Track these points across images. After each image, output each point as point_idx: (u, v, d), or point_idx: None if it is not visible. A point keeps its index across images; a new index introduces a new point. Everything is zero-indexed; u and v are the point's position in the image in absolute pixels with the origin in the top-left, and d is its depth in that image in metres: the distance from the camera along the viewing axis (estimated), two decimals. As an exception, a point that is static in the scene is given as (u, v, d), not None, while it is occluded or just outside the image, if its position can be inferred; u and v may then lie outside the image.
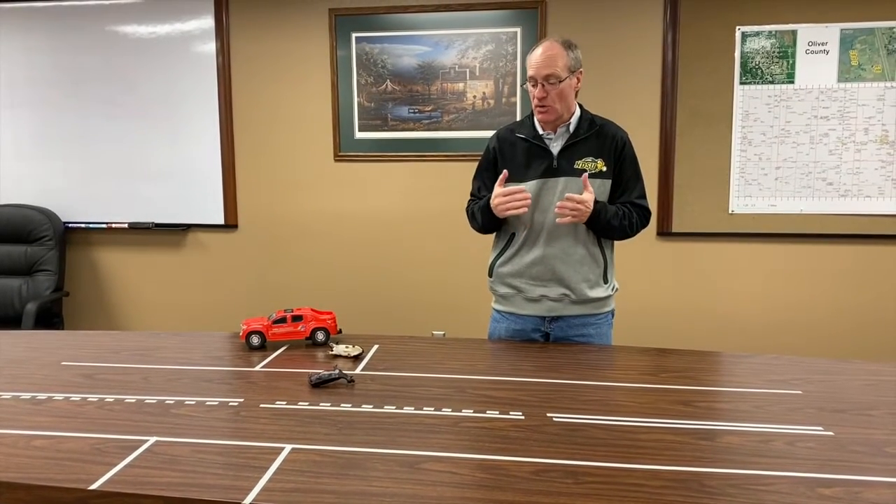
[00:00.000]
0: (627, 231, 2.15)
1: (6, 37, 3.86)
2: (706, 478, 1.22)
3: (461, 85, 3.56)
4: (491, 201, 2.10)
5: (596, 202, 2.06)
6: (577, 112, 2.15)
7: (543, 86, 2.04)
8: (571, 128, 2.13)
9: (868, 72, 3.27)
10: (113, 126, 3.85)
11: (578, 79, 2.11)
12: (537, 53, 2.05)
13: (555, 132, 2.13)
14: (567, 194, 2.03)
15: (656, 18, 3.41)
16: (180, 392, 1.67)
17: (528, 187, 2.12)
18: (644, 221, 2.19)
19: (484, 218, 2.17)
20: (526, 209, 2.05)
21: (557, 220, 2.04)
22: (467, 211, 2.30)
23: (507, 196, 2.04)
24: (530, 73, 2.06)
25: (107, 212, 3.92)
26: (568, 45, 2.06)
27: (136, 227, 3.90)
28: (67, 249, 3.94)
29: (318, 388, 1.69)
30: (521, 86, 2.14)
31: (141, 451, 1.33)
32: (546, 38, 2.12)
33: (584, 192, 2.04)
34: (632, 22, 3.43)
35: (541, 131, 2.14)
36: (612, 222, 2.09)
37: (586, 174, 2.06)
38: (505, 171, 2.10)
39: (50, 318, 3.80)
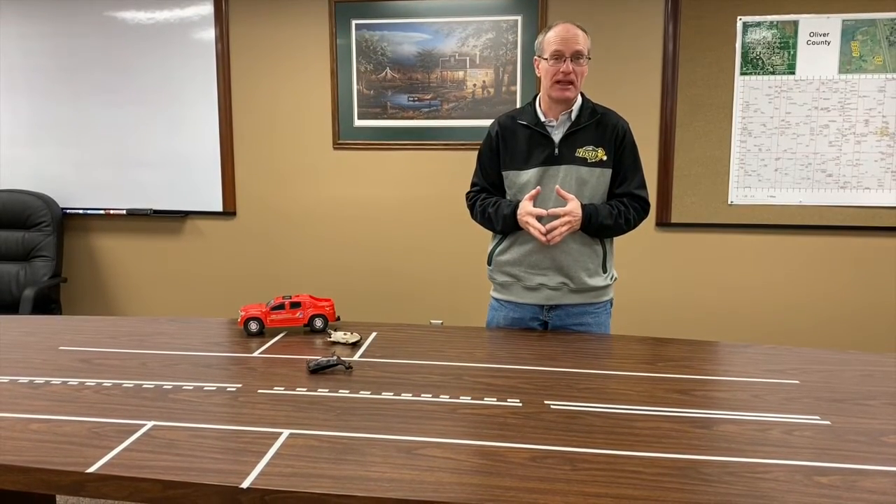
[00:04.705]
0: (623, 227, 2.14)
1: (3, 22, 3.83)
2: (703, 465, 1.22)
3: (461, 73, 3.55)
4: (518, 213, 2.08)
5: (586, 206, 2.06)
6: (580, 100, 2.14)
7: (571, 61, 2.02)
8: (573, 115, 2.12)
9: (869, 63, 3.26)
10: (111, 112, 3.83)
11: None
12: (561, 30, 2.03)
13: (557, 119, 2.12)
14: (549, 210, 2.04)
15: (657, 8, 3.39)
16: (178, 377, 1.67)
17: (528, 175, 2.12)
18: (642, 213, 2.18)
19: (505, 225, 2.14)
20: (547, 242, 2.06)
21: (551, 242, 2.04)
22: (471, 202, 2.27)
23: (533, 218, 2.05)
24: (556, 48, 2.03)
25: (105, 198, 3.91)
26: (584, 30, 2.06)
27: (134, 214, 3.89)
28: (65, 235, 3.93)
29: (316, 374, 1.69)
30: (536, 62, 2.12)
31: (138, 436, 1.33)
32: (560, 21, 2.08)
33: (567, 204, 2.04)
34: (632, 11, 3.42)
35: (543, 118, 2.13)
36: (605, 222, 2.08)
37: (557, 187, 2.07)
38: (538, 188, 2.08)
39: (48, 304, 3.79)
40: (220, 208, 3.85)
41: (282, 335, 2.05)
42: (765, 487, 1.15)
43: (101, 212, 3.92)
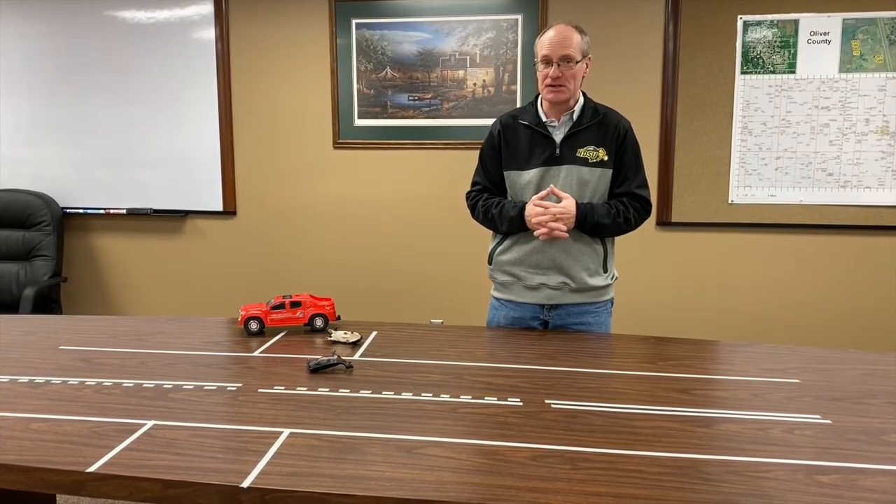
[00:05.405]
0: (623, 227, 2.13)
1: (3, 22, 3.83)
2: (704, 464, 1.22)
3: (461, 72, 3.55)
4: (527, 214, 2.07)
5: (582, 205, 2.06)
6: (582, 100, 2.14)
7: (558, 65, 2.02)
8: (575, 116, 2.11)
9: (870, 62, 3.25)
10: (111, 112, 3.83)
11: (587, 65, 2.10)
12: (552, 34, 2.04)
13: (558, 119, 2.12)
14: (541, 202, 2.03)
15: (657, 7, 3.39)
16: (178, 376, 1.67)
17: (529, 175, 2.12)
18: (643, 213, 2.17)
19: (511, 226, 2.13)
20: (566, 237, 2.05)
21: (541, 237, 2.04)
22: (472, 202, 2.26)
23: (544, 216, 2.03)
24: (544, 52, 2.04)
25: (105, 197, 3.91)
26: (580, 30, 2.06)
27: (134, 213, 3.89)
28: (65, 235, 3.93)
29: (317, 373, 1.69)
30: (534, 64, 2.13)
31: (139, 435, 1.33)
32: (557, 22, 2.08)
33: (562, 201, 2.04)
34: (633, 10, 3.41)
35: (544, 118, 2.13)
36: (603, 221, 2.07)
37: (552, 186, 2.06)
38: (549, 188, 2.07)
39: (48, 303, 3.79)
40: (220, 208, 3.85)
41: (282, 334, 2.05)
42: (765, 486, 1.15)
43: (101, 211, 3.92)
